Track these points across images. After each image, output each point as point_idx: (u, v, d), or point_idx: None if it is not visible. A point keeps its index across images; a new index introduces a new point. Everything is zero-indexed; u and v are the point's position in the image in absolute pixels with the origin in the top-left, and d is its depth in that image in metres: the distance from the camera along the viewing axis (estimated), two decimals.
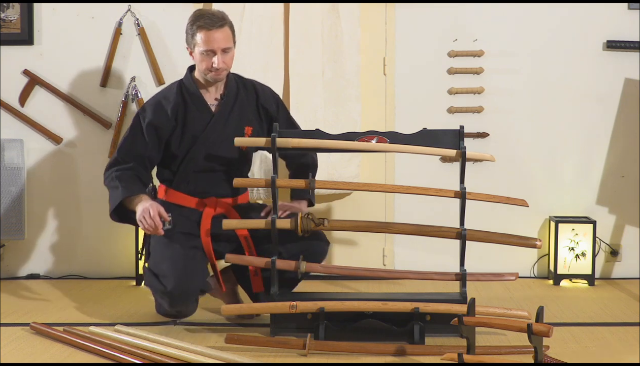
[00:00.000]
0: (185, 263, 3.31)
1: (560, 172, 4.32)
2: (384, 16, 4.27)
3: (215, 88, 3.49)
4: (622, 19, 4.23)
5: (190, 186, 3.50)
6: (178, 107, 3.45)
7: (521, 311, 3.17)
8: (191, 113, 3.45)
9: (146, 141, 3.43)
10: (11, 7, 4.26)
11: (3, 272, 4.32)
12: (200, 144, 3.45)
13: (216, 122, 3.46)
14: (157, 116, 3.43)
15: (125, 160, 3.43)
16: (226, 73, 3.42)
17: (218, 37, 3.34)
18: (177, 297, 3.28)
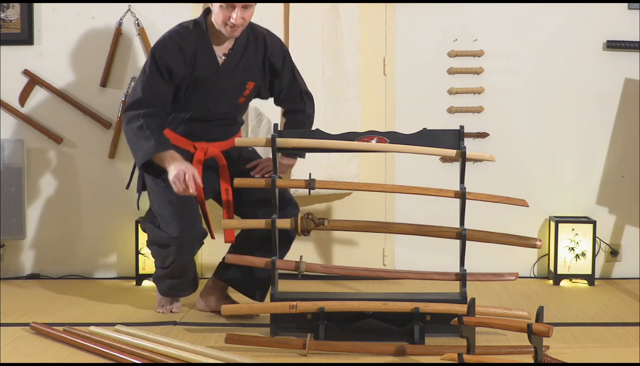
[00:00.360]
0: (186, 208, 3.36)
1: (560, 172, 4.33)
2: (384, 16, 4.27)
3: (225, 40, 3.41)
4: (622, 19, 4.23)
5: (183, 129, 3.48)
6: (193, 55, 3.36)
7: (521, 311, 3.17)
8: (199, 62, 3.38)
9: (166, 83, 3.34)
10: (11, 7, 4.26)
11: (3, 272, 4.32)
12: (200, 95, 3.42)
13: (219, 77, 3.42)
14: (176, 61, 3.33)
15: (150, 102, 3.32)
16: (242, 30, 3.34)
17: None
18: (183, 243, 3.34)
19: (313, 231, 3.34)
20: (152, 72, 3.33)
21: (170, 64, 3.32)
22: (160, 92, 3.34)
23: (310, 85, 4.13)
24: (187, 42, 3.35)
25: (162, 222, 3.40)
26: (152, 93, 3.33)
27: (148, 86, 3.33)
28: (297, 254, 3.49)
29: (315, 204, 4.29)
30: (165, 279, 3.51)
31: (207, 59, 3.38)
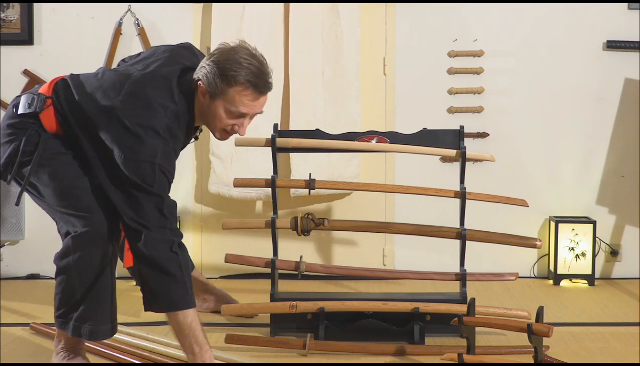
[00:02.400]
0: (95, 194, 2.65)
1: (560, 172, 4.32)
2: (384, 16, 4.27)
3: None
4: (622, 19, 4.23)
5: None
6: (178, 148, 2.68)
7: (521, 311, 3.17)
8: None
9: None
10: (11, 7, 4.26)
11: (3, 272, 4.32)
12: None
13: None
14: (171, 169, 2.60)
15: (172, 219, 2.59)
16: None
17: (261, 103, 2.61)
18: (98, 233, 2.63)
19: (313, 231, 3.34)
20: (166, 187, 2.57)
21: (169, 176, 2.58)
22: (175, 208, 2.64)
23: (310, 85, 4.14)
24: (177, 141, 2.62)
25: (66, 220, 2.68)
26: (173, 214, 2.60)
27: (169, 204, 2.57)
28: (297, 254, 3.49)
29: (315, 204, 4.29)
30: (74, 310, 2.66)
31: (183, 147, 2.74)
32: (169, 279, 2.51)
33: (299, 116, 4.13)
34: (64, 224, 2.72)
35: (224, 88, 2.53)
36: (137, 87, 2.57)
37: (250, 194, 4.10)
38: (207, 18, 4.21)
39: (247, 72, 2.53)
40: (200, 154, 4.28)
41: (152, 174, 2.50)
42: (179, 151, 2.67)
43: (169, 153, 2.55)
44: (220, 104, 2.56)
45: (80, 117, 2.62)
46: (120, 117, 2.52)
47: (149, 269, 2.52)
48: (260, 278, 4.13)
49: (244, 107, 2.56)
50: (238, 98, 2.54)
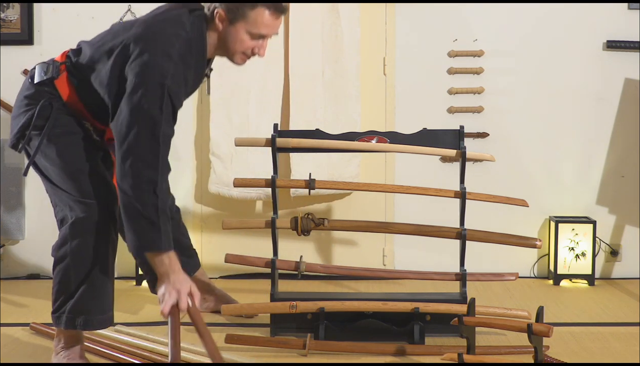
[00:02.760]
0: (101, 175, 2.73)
1: (560, 172, 4.33)
2: (384, 16, 4.27)
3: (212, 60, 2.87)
4: (622, 19, 4.23)
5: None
6: (191, 78, 2.71)
7: (521, 311, 3.17)
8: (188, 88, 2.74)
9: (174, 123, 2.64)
10: (11, 7, 4.26)
11: (3, 272, 4.32)
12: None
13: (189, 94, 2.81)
14: (182, 96, 2.65)
15: (166, 158, 2.59)
16: None
17: (279, 23, 2.71)
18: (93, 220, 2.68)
19: (313, 231, 3.34)
20: (168, 113, 2.57)
21: (177, 102, 2.62)
22: (171, 138, 2.63)
23: (310, 85, 4.14)
24: (189, 69, 2.66)
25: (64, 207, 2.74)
26: (168, 144, 2.59)
27: (167, 131, 2.57)
28: (297, 254, 3.49)
29: (315, 204, 4.29)
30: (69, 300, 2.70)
31: (195, 79, 2.77)
32: (144, 221, 2.52)
33: (299, 116, 4.13)
34: (63, 208, 2.77)
35: (246, 11, 2.63)
36: (148, 21, 2.67)
37: (250, 194, 4.10)
38: None
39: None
40: (200, 154, 4.28)
41: (161, 96, 2.53)
42: (191, 84, 2.71)
43: (179, 78, 2.59)
44: (241, 28, 2.65)
45: (92, 68, 2.69)
46: (131, 46, 2.58)
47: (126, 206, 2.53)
48: (260, 278, 4.13)
49: (265, 29, 2.66)
50: (260, 20, 2.64)
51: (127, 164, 2.52)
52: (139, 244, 2.56)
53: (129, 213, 2.54)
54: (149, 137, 2.53)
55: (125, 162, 2.53)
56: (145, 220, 2.52)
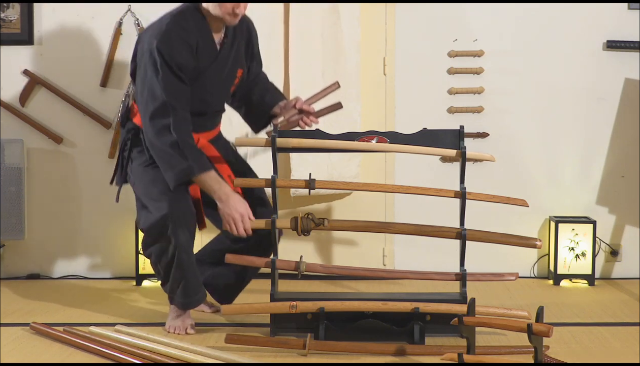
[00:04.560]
0: (176, 189, 3.18)
1: (560, 172, 4.33)
2: (384, 16, 4.27)
3: (221, 28, 3.29)
4: (622, 19, 4.23)
5: None
6: (196, 44, 3.19)
7: (521, 311, 3.17)
8: (201, 52, 3.22)
9: (181, 80, 3.16)
10: (11, 7, 4.26)
11: (3, 272, 4.32)
12: (198, 87, 3.25)
13: (217, 67, 3.29)
14: (184, 55, 3.15)
15: (175, 106, 3.12)
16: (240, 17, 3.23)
17: None
18: (176, 218, 3.14)
19: (313, 231, 3.34)
20: (166, 71, 3.13)
21: (179, 59, 3.14)
22: (180, 91, 3.16)
23: (310, 85, 4.13)
24: (189, 33, 3.18)
25: (151, 206, 3.22)
26: (174, 95, 3.14)
27: (167, 87, 3.13)
28: (297, 254, 3.49)
29: (315, 204, 4.29)
30: (176, 289, 3.25)
31: (207, 47, 3.24)
32: (172, 156, 3.11)
33: None
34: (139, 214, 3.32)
35: None
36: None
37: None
38: None
39: None
40: None
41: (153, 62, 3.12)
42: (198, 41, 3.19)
43: (170, 37, 3.13)
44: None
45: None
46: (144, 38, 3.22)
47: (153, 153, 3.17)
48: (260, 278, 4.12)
49: None
50: None
51: (146, 121, 3.16)
52: (177, 176, 3.10)
53: (158, 154, 3.14)
54: (153, 96, 3.13)
55: (145, 121, 3.17)
56: (172, 155, 3.10)
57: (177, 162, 3.11)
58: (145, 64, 3.17)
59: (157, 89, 3.13)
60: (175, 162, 3.11)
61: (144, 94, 3.17)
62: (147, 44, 3.16)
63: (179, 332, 3.28)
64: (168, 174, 3.14)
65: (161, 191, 3.19)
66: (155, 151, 3.16)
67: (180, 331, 3.28)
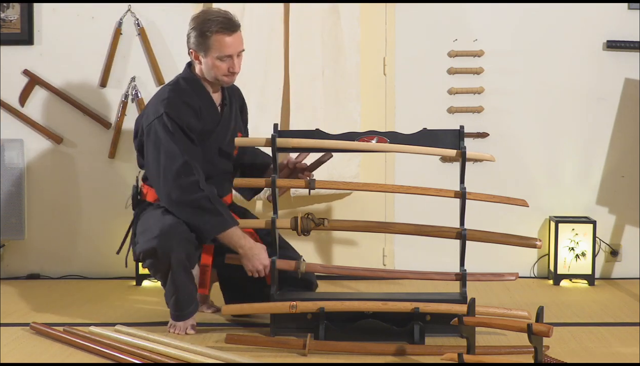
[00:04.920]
0: (172, 221, 3.17)
1: (560, 172, 4.32)
2: (384, 16, 4.27)
3: (217, 91, 3.39)
4: (622, 19, 4.23)
5: None
6: (199, 106, 3.28)
7: (521, 311, 3.17)
8: (204, 114, 3.30)
9: (192, 141, 3.23)
10: (11, 7, 4.26)
11: (3, 272, 4.32)
12: (206, 150, 3.32)
13: (222, 128, 3.38)
14: (190, 116, 3.23)
15: (195, 166, 3.18)
16: (236, 77, 3.33)
17: (237, 41, 3.23)
18: (166, 238, 3.12)
19: (313, 231, 3.34)
20: (178, 133, 3.18)
21: (187, 120, 3.22)
22: (195, 151, 3.22)
23: (310, 85, 4.15)
24: (190, 97, 3.27)
25: (144, 234, 3.23)
26: (191, 155, 3.19)
27: (184, 147, 3.18)
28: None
29: (315, 204, 4.29)
30: (169, 299, 3.28)
31: (209, 109, 3.32)
32: (204, 212, 3.14)
33: (299, 116, 4.13)
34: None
35: (207, 43, 3.20)
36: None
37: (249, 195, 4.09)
38: None
39: (217, 23, 3.18)
40: None
41: (163, 125, 3.17)
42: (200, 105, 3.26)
43: (175, 101, 3.21)
44: (210, 57, 3.22)
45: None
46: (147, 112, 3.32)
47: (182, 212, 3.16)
48: None
49: (228, 49, 3.20)
50: (220, 44, 3.19)
51: (169, 184, 3.16)
52: (214, 229, 3.15)
53: (189, 211, 3.14)
54: (172, 157, 3.16)
55: (167, 184, 3.17)
56: (205, 209, 3.13)
57: (212, 216, 3.15)
58: (154, 133, 3.21)
59: (176, 149, 3.16)
60: (210, 217, 3.15)
61: (160, 160, 3.19)
62: (153, 114, 3.23)
63: (179, 332, 3.28)
64: (203, 229, 3.16)
65: (155, 220, 3.20)
66: (185, 209, 3.15)
67: (180, 331, 3.28)
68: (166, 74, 4.24)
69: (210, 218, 3.15)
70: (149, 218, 3.27)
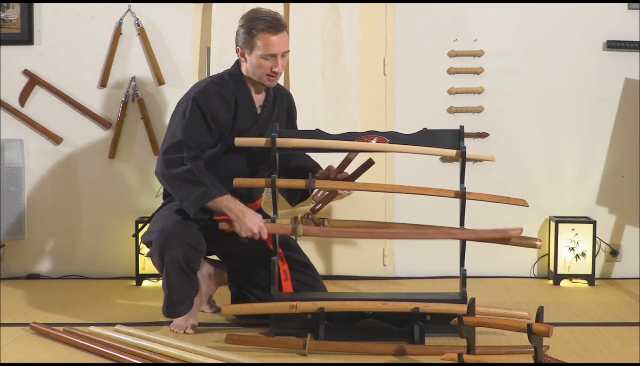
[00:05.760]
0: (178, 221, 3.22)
1: (560, 172, 4.32)
2: (384, 16, 4.27)
3: (261, 91, 3.42)
4: (622, 19, 4.23)
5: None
6: (234, 103, 3.32)
7: (521, 311, 3.17)
8: (240, 110, 3.33)
9: (210, 130, 3.26)
10: (11, 7, 4.26)
11: (3, 272, 4.32)
12: (241, 149, 3.32)
13: (258, 128, 3.38)
14: (218, 105, 3.28)
15: (191, 147, 3.20)
16: (279, 78, 3.37)
17: (282, 41, 3.27)
18: (165, 236, 3.18)
19: None
20: (195, 117, 3.23)
21: (214, 109, 3.26)
22: (202, 139, 3.25)
23: (310, 85, 4.14)
24: (227, 90, 3.32)
25: (152, 226, 3.33)
26: (194, 139, 3.22)
27: (190, 130, 3.22)
28: None
29: None
30: (164, 293, 3.30)
31: (247, 107, 3.35)
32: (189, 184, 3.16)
33: (299, 116, 4.13)
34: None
35: (253, 41, 3.25)
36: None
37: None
38: (207, 18, 4.21)
39: (264, 22, 3.24)
40: None
41: (187, 106, 3.24)
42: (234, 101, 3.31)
43: (210, 92, 3.28)
44: (255, 56, 3.27)
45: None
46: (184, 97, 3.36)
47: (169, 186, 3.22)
48: None
49: (272, 48, 3.25)
50: (265, 43, 3.24)
51: (159, 158, 3.25)
52: (195, 202, 3.14)
53: (172, 184, 3.19)
54: (173, 136, 3.22)
55: (159, 158, 3.26)
56: (187, 182, 3.15)
57: (194, 189, 3.15)
58: (176, 112, 3.30)
59: (179, 130, 3.22)
60: (192, 189, 3.15)
61: (166, 137, 3.28)
62: (185, 97, 3.32)
63: (177, 330, 3.29)
64: (186, 203, 3.17)
65: (165, 215, 3.27)
66: (169, 182, 3.21)
67: (178, 330, 3.29)
68: (166, 73, 4.24)
69: (194, 189, 3.14)
70: (164, 211, 3.32)
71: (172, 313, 3.31)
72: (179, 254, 3.19)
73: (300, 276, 3.46)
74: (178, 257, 3.20)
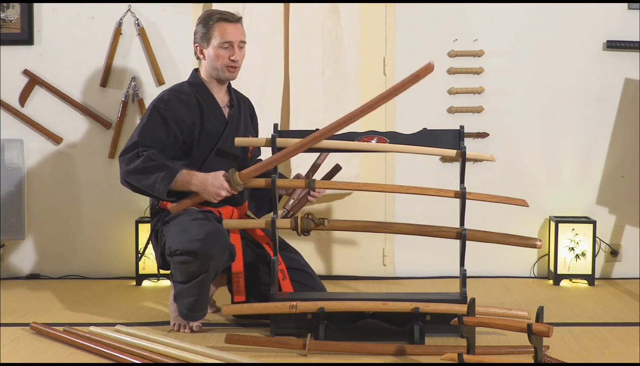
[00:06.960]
0: (215, 223, 3.24)
1: (560, 173, 4.33)
2: (384, 16, 4.27)
3: (223, 93, 3.45)
4: (622, 19, 4.23)
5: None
6: (197, 106, 3.36)
7: (521, 311, 3.17)
8: (207, 116, 3.36)
9: (168, 130, 3.29)
10: (11, 7, 4.26)
11: (3, 272, 4.32)
12: (218, 151, 3.37)
13: (230, 129, 3.40)
14: (179, 108, 3.31)
15: (146, 144, 3.25)
16: (238, 72, 3.40)
17: (237, 30, 3.36)
18: (209, 249, 3.12)
19: (313, 231, 3.34)
20: (153, 120, 3.29)
21: (175, 112, 3.30)
22: (159, 138, 3.28)
23: (310, 85, 4.15)
24: (188, 95, 3.37)
25: (188, 232, 3.19)
26: (149, 137, 3.27)
27: (146, 131, 3.28)
28: None
29: (315, 204, 4.29)
30: (185, 298, 3.23)
31: (212, 109, 3.39)
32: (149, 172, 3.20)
33: (299, 116, 4.14)
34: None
35: (210, 32, 3.34)
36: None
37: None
38: None
39: (219, 13, 3.37)
40: None
41: (149, 113, 3.31)
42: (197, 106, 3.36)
43: (171, 100, 3.32)
44: (212, 47, 3.34)
45: None
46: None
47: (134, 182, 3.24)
48: None
49: (229, 36, 3.33)
50: (221, 32, 3.33)
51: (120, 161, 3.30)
52: (163, 183, 3.17)
53: (137, 177, 3.22)
54: (130, 139, 3.30)
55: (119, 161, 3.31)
56: (149, 169, 3.19)
57: (158, 173, 3.19)
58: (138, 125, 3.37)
59: (135, 133, 3.30)
60: (156, 174, 3.19)
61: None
62: (147, 107, 3.38)
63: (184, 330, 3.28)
64: (157, 187, 3.19)
65: (199, 223, 3.19)
66: (133, 178, 3.24)
67: (183, 329, 3.28)
68: (166, 73, 4.25)
69: (158, 173, 3.18)
70: (187, 219, 3.24)
71: (193, 317, 3.27)
72: (221, 262, 3.21)
73: (299, 276, 3.45)
74: (219, 265, 3.22)
